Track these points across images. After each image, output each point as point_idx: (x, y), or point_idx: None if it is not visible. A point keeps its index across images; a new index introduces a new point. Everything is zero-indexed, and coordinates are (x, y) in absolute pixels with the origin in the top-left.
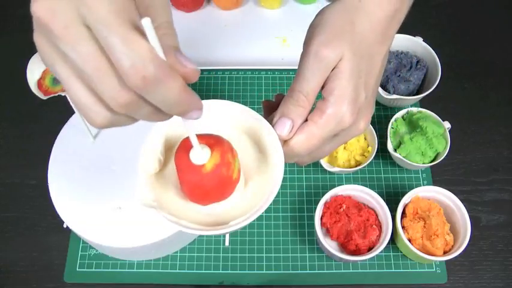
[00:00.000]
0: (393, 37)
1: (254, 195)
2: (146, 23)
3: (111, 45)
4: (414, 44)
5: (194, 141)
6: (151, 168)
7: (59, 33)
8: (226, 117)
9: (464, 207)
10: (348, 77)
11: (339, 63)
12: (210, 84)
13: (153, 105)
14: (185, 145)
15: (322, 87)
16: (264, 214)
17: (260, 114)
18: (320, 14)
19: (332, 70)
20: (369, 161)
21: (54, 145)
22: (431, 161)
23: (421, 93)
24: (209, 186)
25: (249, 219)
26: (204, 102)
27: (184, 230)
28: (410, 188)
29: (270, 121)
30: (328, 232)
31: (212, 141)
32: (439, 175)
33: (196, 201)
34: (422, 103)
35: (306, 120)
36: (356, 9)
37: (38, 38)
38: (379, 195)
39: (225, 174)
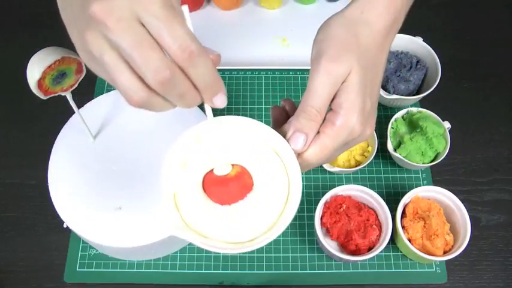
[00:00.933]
0: (391, 44)
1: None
2: (185, 9)
3: (162, 32)
4: (414, 44)
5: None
6: (173, 188)
7: (112, 26)
8: (254, 135)
9: (464, 207)
10: (357, 89)
11: (348, 77)
12: None
13: (188, 83)
14: (210, 178)
15: (332, 100)
16: None
17: (261, 120)
18: (324, 28)
19: (341, 84)
20: (369, 161)
21: (54, 145)
22: (431, 161)
23: (421, 93)
24: (234, 188)
25: (276, 233)
26: (236, 118)
27: (213, 250)
28: (410, 188)
29: (284, 134)
30: (328, 232)
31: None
32: (439, 175)
33: (223, 203)
34: (422, 103)
35: (318, 132)
36: (358, 21)
37: (90, 34)
38: (379, 195)
39: (246, 180)
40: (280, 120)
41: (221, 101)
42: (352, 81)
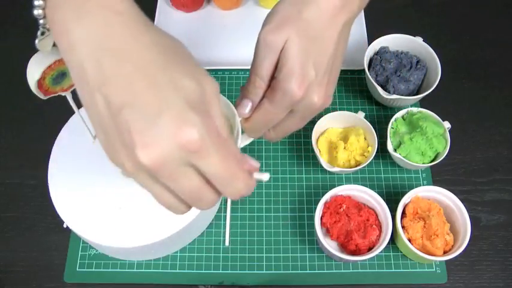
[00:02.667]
0: (348, 23)
1: None
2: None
3: (221, 181)
4: (414, 44)
5: None
6: None
7: (164, 175)
8: None
9: (464, 207)
10: (294, 56)
11: (285, 46)
12: None
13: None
14: None
15: (275, 68)
16: (264, 214)
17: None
18: (272, 8)
19: (280, 52)
20: (369, 161)
21: (54, 145)
22: (431, 161)
23: (421, 93)
24: None
25: None
26: None
27: None
28: (410, 188)
29: (237, 105)
30: (328, 232)
31: None
32: (439, 175)
33: None
34: (422, 103)
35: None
36: (305, 1)
37: (130, 166)
38: (379, 195)
39: None
40: None
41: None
42: (288, 50)
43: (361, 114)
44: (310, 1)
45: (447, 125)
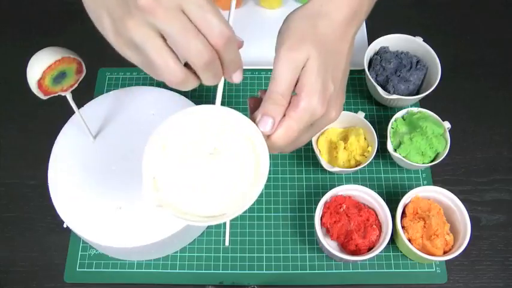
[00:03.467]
0: (355, 34)
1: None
2: (232, 4)
3: (204, 20)
4: (414, 44)
5: (219, 98)
6: (153, 170)
7: (161, 16)
8: (229, 121)
9: (464, 207)
10: (316, 73)
11: (306, 63)
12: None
13: (222, 63)
14: None
15: (295, 85)
16: (264, 214)
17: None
18: (286, 20)
19: (302, 69)
20: (369, 161)
21: (54, 145)
22: (431, 161)
23: (421, 93)
24: None
25: (243, 207)
26: (211, 107)
27: (190, 223)
28: (410, 188)
29: (254, 119)
30: (328, 232)
31: None
32: (439, 175)
33: None
34: (422, 103)
35: (284, 115)
36: (318, 13)
37: (134, 22)
38: (379, 195)
39: None
40: (255, 109)
41: (239, 77)
42: (310, 66)
43: (361, 114)
44: (323, 13)
45: (447, 125)
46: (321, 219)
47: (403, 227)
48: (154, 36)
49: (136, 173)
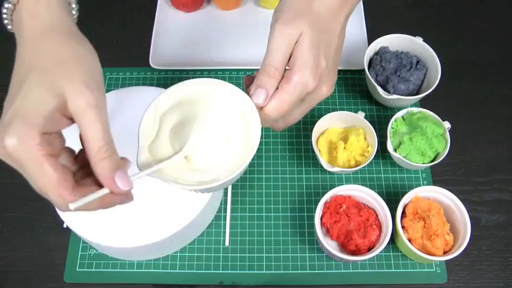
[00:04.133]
0: (347, 17)
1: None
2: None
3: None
4: (414, 44)
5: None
6: (150, 137)
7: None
8: (222, 94)
9: (464, 207)
10: (308, 48)
11: (299, 38)
12: None
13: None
14: None
15: (289, 60)
16: (264, 214)
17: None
18: (281, 0)
19: (295, 44)
20: (369, 161)
21: None
22: (431, 161)
23: (421, 93)
24: None
25: (233, 174)
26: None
27: (182, 187)
28: (410, 188)
29: (248, 93)
30: (328, 232)
31: None
32: (439, 175)
33: None
34: (422, 103)
35: (277, 88)
36: None
37: (4, 158)
38: (379, 195)
39: None
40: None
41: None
42: (303, 42)
43: (361, 114)
44: None
45: (447, 125)
46: (321, 219)
47: (403, 227)
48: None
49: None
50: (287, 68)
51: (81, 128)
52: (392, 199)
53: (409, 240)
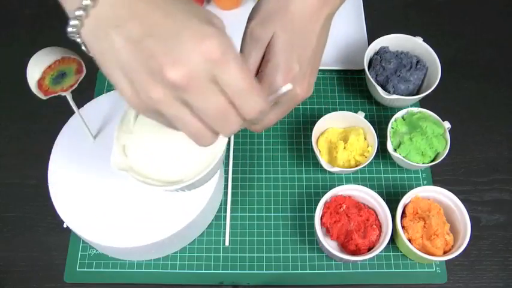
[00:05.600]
0: (330, 16)
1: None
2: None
3: (239, 97)
4: (414, 44)
5: None
6: (123, 138)
7: (193, 92)
8: None
9: (464, 207)
10: (280, 51)
11: (271, 40)
12: None
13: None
14: None
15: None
16: (264, 214)
17: None
18: (258, 0)
19: (267, 46)
20: (368, 161)
21: (54, 145)
22: (431, 161)
23: (421, 93)
24: None
25: (197, 176)
26: None
27: (150, 187)
28: (410, 188)
29: None
30: (328, 232)
31: None
32: (439, 175)
33: None
34: (422, 103)
35: None
36: None
37: (161, 92)
38: (379, 195)
39: None
40: None
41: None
42: (274, 44)
43: (361, 114)
44: None
45: (447, 125)
46: (321, 219)
47: (403, 227)
48: (184, 112)
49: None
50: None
51: (275, 52)
52: (392, 199)
53: (409, 240)
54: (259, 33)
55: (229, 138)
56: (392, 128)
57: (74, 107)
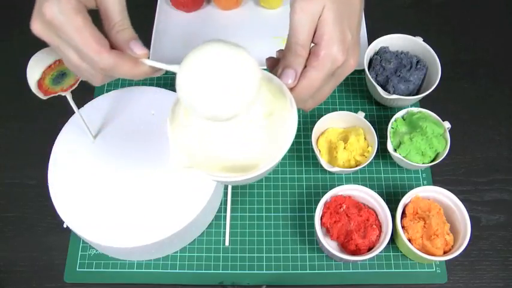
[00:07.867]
0: None
1: (273, 142)
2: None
3: (85, 57)
4: (414, 44)
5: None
6: (178, 134)
7: (57, 29)
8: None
9: (464, 207)
10: (333, 22)
11: (322, 12)
12: None
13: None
14: None
15: (313, 36)
16: (264, 214)
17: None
18: None
19: (318, 19)
20: (369, 161)
21: (54, 145)
22: (431, 161)
23: (421, 93)
24: None
25: (275, 160)
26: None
27: (221, 180)
28: (410, 188)
29: (275, 74)
30: (328, 232)
31: None
32: (439, 175)
33: None
34: (422, 103)
35: (305, 66)
36: None
37: (44, 32)
38: (379, 195)
39: None
40: (273, 68)
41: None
42: (327, 16)
43: (361, 114)
44: None
45: (447, 125)
46: (321, 219)
47: (403, 227)
48: (63, 46)
49: (136, 173)
50: (312, 44)
51: (101, 3)
52: (392, 199)
53: (409, 240)
54: (310, 7)
55: None
56: (392, 128)
57: (74, 107)
